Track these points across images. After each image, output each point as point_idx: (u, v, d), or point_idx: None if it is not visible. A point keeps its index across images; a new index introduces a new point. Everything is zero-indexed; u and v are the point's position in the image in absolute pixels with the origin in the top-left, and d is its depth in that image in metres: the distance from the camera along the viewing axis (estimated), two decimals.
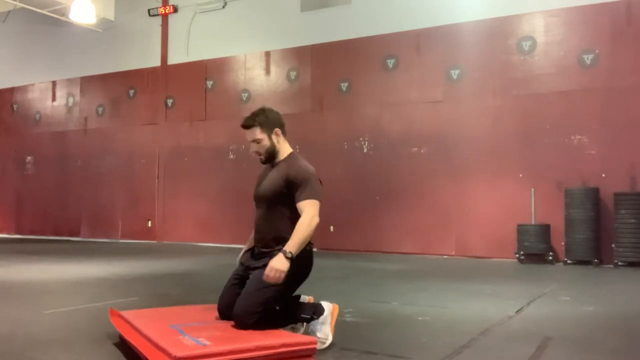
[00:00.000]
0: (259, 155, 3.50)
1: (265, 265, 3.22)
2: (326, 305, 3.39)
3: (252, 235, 3.57)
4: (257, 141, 3.46)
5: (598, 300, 5.49)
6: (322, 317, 3.32)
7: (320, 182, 3.43)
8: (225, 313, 3.38)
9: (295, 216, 3.33)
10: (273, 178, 3.43)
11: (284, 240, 3.28)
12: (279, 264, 3.13)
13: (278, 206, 3.39)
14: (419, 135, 10.75)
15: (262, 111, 3.51)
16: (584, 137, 9.41)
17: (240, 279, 3.46)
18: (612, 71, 9.29)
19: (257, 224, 3.49)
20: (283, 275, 3.13)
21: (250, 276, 3.35)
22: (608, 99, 9.27)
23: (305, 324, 3.36)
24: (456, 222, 10.27)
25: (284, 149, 3.51)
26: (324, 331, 3.31)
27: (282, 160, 3.49)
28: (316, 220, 3.26)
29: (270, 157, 3.49)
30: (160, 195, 13.72)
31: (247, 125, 3.47)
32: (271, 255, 3.26)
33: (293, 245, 3.19)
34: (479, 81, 10.31)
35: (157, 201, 13.74)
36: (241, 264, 3.55)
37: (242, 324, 3.17)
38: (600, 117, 9.30)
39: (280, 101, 12.20)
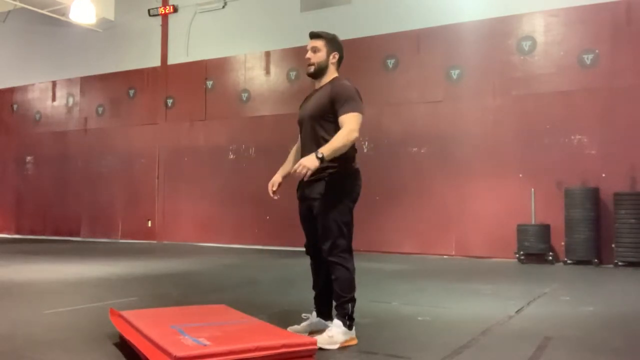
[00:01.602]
0: (310, 65, 3.67)
1: (320, 195, 3.46)
2: (354, 330, 3.50)
3: (290, 157, 3.81)
4: (315, 50, 3.66)
5: (598, 300, 5.49)
6: (348, 331, 3.42)
7: (360, 98, 3.59)
8: (310, 249, 3.69)
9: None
10: (318, 98, 3.62)
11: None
12: (307, 161, 3.27)
13: (324, 126, 3.54)
14: (419, 135, 10.75)
15: (334, 35, 3.75)
16: (584, 137, 9.40)
17: (304, 214, 3.66)
18: (612, 71, 9.29)
19: (303, 144, 3.68)
20: (309, 172, 3.25)
21: (315, 213, 3.51)
22: (608, 99, 9.27)
23: (334, 318, 3.46)
24: (456, 222, 10.27)
25: (331, 72, 3.68)
26: (340, 337, 3.38)
27: (327, 82, 3.64)
28: (355, 134, 3.41)
29: (318, 70, 3.67)
30: (160, 195, 13.72)
31: (316, 34, 3.71)
32: (318, 179, 3.43)
33: (326, 148, 3.33)
34: (479, 81, 10.30)
35: (157, 201, 13.74)
36: (299, 199, 3.70)
37: (327, 258, 3.45)
38: (600, 117, 9.30)
39: (280, 101, 12.21)
